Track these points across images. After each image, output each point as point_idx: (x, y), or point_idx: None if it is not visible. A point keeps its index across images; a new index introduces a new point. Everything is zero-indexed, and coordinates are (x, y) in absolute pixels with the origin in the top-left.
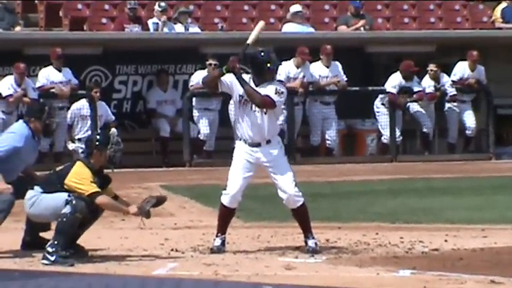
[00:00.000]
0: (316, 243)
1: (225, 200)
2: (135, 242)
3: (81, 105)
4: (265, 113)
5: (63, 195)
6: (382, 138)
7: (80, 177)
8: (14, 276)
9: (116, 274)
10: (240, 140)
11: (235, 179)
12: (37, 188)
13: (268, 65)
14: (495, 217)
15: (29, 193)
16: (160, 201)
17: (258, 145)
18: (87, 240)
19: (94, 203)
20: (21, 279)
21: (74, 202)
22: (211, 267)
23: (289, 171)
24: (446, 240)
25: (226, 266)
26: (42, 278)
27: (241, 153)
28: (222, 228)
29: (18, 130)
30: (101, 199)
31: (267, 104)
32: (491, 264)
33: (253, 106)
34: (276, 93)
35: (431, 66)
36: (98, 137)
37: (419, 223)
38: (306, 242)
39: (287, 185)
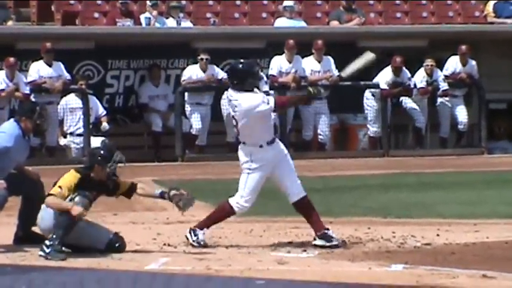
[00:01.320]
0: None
1: (239, 210)
2: (128, 237)
3: (70, 99)
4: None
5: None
6: (369, 132)
7: (59, 182)
8: (6, 271)
9: (108, 269)
10: (261, 146)
11: (255, 191)
12: (43, 206)
13: (256, 69)
14: (487, 212)
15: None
16: (187, 201)
17: (273, 141)
18: None
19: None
20: (13, 274)
21: (76, 200)
22: (204, 262)
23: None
24: (438, 235)
25: (219, 260)
26: (34, 272)
27: (265, 158)
28: (211, 225)
29: (8, 130)
30: (47, 200)
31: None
32: (483, 258)
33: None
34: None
35: (428, 61)
36: (101, 152)
37: (411, 218)
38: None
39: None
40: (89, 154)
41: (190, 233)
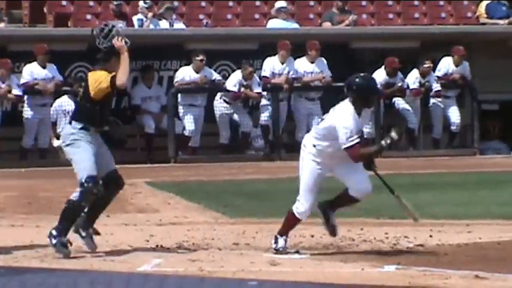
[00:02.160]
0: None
1: (302, 216)
2: (120, 238)
3: (63, 101)
4: None
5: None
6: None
7: (97, 81)
8: None
9: (101, 270)
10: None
11: (313, 192)
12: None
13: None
14: (480, 212)
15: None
16: None
17: None
18: (71, 236)
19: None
20: (6, 276)
21: (83, 188)
22: (196, 263)
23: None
24: (431, 236)
25: (211, 262)
26: (27, 274)
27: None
28: (287, 230)
29: None
30: (118, 80)
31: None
32: (476, 259)
33: None
34: None
35: (426, 63)
36: (102, 28)
37: (404, 218)
38: None
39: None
40: (99, 36)
41: (274, 240)
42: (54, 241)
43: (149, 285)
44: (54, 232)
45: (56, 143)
